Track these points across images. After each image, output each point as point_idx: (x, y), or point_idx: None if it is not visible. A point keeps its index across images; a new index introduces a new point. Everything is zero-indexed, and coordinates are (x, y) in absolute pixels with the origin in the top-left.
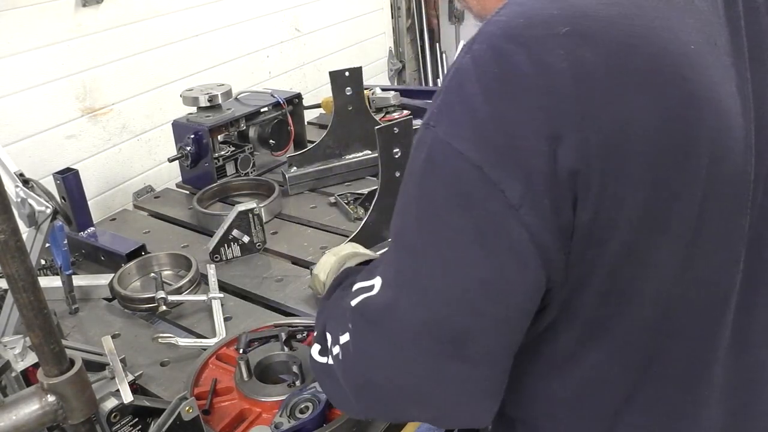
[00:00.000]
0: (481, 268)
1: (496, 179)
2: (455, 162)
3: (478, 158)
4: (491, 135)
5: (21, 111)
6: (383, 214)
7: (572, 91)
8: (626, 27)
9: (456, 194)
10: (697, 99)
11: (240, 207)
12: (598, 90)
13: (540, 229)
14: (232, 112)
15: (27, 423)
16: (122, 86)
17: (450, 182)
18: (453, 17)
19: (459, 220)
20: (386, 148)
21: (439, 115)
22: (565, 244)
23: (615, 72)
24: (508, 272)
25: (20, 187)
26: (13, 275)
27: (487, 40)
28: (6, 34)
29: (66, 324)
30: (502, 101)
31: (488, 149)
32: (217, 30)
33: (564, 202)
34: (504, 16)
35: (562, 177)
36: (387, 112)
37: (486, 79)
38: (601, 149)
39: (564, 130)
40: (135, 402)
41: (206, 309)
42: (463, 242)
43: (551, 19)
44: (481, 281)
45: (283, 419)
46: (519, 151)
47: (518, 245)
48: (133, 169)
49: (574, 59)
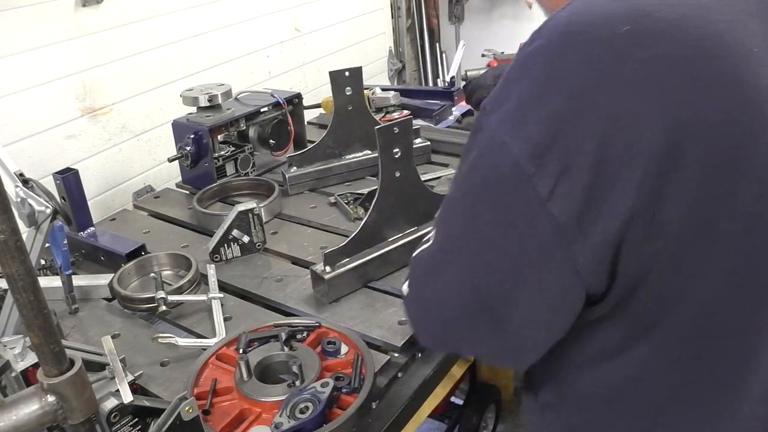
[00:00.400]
0: (510, 246)
1: (530, 171)
2: (499, 149)
3: (518, 149)
4: (535, 129)
5: (21, 111)
6: (383, 214)
7: (625, 91)
8: (689, 28)
9: (495, 181)
10: (756, 102)
11: (240, 207)
12: (654, 91)
13: (570, 225)
14: (232, 112)
15: (27, 423)
16: (122, 86)
17: (491, 168)
18: (453, 17)
19: (493, 204)
20: (386, 148)
21: (495, 102)
22: (608, 244)
23: (673, 73)
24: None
25: (20, 187)
26: (13, 275)
27: (548, 35)
28: (6, 34)
29: (66, 324)
30: (553, 96)
31: (530, 142)
32: (217, 30)
33: (610, 202)
34: (567, 12)
35: (609, 177)
36: (387, 112)
37: (540, 74)
38: (654, 150)
39: (614, 130)
40: (135, 402)
41: (206, 309)
42: (495, 222)
43: (612, 17)
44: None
45: (283, 419)
46: (560, 149)
47: (543, 235)
48: (133, 169)
49: (631, 59)
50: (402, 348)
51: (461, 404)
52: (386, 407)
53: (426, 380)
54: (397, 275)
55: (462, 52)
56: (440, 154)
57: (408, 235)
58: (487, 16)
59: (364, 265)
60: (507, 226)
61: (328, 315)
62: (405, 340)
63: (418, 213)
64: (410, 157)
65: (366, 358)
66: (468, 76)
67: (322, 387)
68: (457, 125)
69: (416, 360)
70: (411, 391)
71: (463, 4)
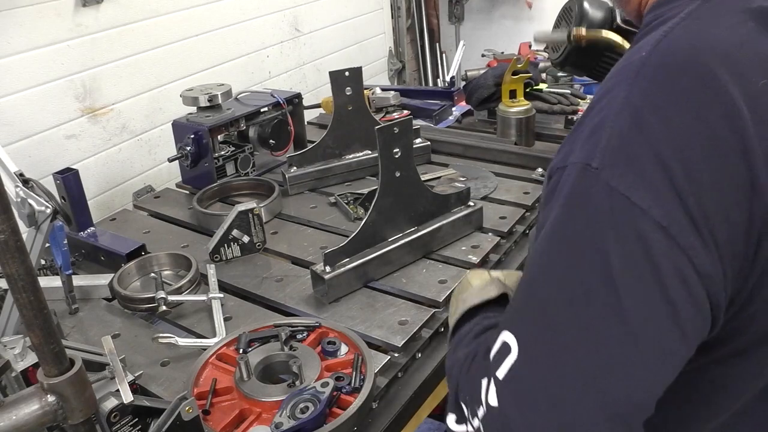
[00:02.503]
0: (669, 337)
1: (685, 244)
2: (635, 219)
3: (663, 217)
4: (680, 191)
5: (21, 111)
6: (383, 214)
7: (755, 131)
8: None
9: (634, 258)
10: None
11: (240, 207)
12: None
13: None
14: (232, 112)
15: (27, 423)
16: (122, 86)
17: (626, 240)
18: (453, 17)
19: (641, 287)
20: (386, 148)
21: (609, 157)
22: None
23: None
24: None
25: (20, 187)
26: (13, 275)
27: (662, 73)
28: (6, 34)
29: (66, 324)
30: (694, 149)
31: (676, 208)
32: (217, 30)
33: (752, 248)
34: (669, 43)
35: (756, 225)
36: (387, 112)
37: (672, 123)
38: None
39: (758, 171)
40: (135, 402)
41: (206, 309)
42: (647, 310)
43: (731, 52)
44: (665, 352)
45: (283, 419)
46: (714, 211)
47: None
48: (133, 169)
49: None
50: (402, 348)
51: None
52: (386, 407)
53: (426, 380)
54: (396, 275)
55: (462, 52)
56: (440, 154)
57: (408, 235)
58: (487, 16)
59: (364, 265)
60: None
61: (328, 315)
62: (405, 340)
63: (418, 213)
64: (410, 157)
65: (366, 358)
66: (468, 76)
67: (322, 387)
68: (457, 125)
69: (416, 360)
70: (411, 391)
71: (463, 4)
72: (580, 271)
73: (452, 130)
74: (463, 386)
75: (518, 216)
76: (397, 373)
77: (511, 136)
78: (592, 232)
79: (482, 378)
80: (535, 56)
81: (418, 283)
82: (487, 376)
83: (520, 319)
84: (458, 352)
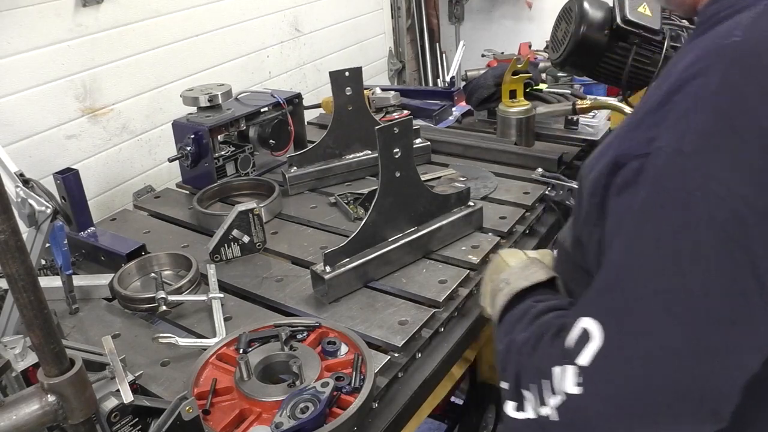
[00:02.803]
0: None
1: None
2: (735, 205)
3: (760, 203)
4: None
5: (21, 111)
6: (383, 214)
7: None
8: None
9: (732, 244)
10: None
11: (240, 207)
12: None
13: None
14: (232, 112)
15: (27, 423)
16: (122, 86)
17: (723, 227)
18: (453, 17)
19: (737, 272)
20: (386, 148)
21: (706, 142)
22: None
23: None
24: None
25: (20, 187)
26: (13, 275)
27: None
28: (6, 34)
29: (66, 324)
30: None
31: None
32: (217, 30)
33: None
34: (742, 36)
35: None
36: (387, 112)
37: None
38: None
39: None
40: (135, 402)
41: (206, 309)
42: (743, 299)
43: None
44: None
45: (283, 419)
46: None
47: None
48: (133, 169)
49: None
50: (402, 348)
51: (461, 404)
52: (386, 407)
53: (426, 380)
54: (396, 275)
55: (462, 52)
56: (440, 154)
57: (408, 235)
58: (487, 16)
59: (364, 265)
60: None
61: (328, 315)
62: (405, 340)
63: (418, 213)
64: (410, 157)
65: (366, 358)
66: (468, 77)
67: (322, 387)
68: (457, 125)
69: (416, 360)
70: (411, 391)
71: (463, 4)
72: (680, 258)
73: (452, 130)
74: (526, 373)
75: (518, 216)
76: (397, 373)
77: (511, 136)
78: (684, 220)
79: (553, 366)
80: (535, 56)
81: (418, 283)
82: (561, 363)
83: (606, 307)
84: (515, 335)
